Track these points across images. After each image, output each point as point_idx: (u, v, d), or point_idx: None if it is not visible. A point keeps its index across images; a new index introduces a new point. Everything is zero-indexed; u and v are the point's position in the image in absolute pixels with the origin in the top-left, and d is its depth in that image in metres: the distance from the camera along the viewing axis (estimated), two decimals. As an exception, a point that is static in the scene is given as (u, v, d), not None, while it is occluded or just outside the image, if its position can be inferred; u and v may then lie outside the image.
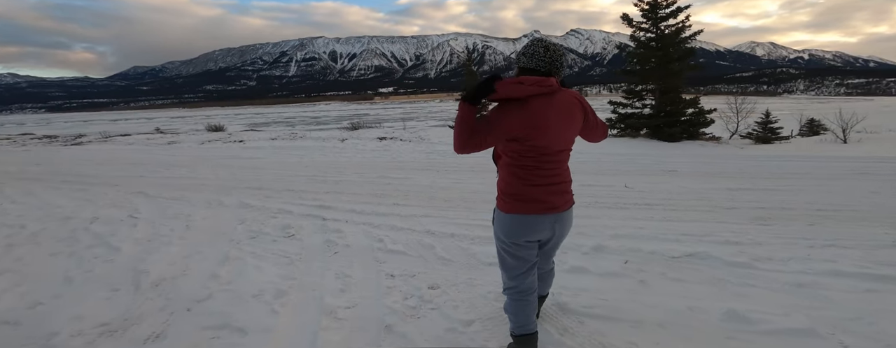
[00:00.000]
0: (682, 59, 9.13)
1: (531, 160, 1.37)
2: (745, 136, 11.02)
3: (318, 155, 7.83)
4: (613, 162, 6.13)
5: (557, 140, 1.37)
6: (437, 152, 7.60)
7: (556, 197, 1.43)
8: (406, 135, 10.14)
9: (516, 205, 1.41)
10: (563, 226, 1.50)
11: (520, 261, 1.49)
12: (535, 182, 1.39)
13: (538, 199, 1.40)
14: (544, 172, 1.40)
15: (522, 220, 1.41)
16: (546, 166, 1.40)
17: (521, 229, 1.43)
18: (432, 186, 4.80)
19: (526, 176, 1.39)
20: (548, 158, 1.39)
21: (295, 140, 10.38)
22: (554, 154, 1.40)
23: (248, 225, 3.70)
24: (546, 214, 1.42)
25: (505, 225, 1.45)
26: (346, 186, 4.98)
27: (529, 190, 1.39)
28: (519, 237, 1.44)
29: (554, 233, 1.49)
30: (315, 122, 61.94)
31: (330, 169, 6.20)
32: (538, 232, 1.44)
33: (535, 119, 1.30)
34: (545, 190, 1.41)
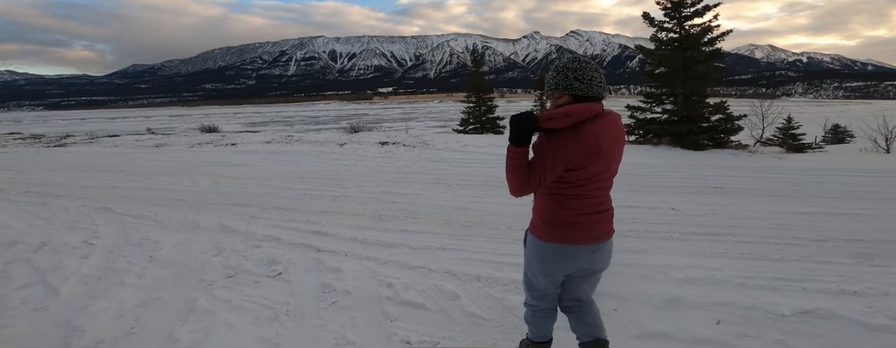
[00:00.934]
0: (709, 60, 8.49)
1: (579, 188, 1.30)
2: (767, 143, 10.40)
3: (315, 162, 7.15)
4: (644, 175, 5.47)
5: (610, 164, 1.32)
6: (445, 161, 6.92)
7: (600, 225, 1.37)
8: (409, 139, 9.46)
9: (558, 234, 1.35)
10: (601, 256, 1.42)
11: (547, 287, 1.48)
12: (581, 211, 1.33)
13: (583, 229, 1.34)
14: (591, 200, 1.34)
15: (563, 251, 1.36)
16: (593, 194, 1.34)
17: (560, 259, 1.37)
18: (445, 206, 4.13)
19: (572, 205, 1.32)
20: (596, 185, 1.33)
21: (290, 143, 9.68)
22: (603, 180, 1.34)
23: (225, 257, 3.02)
24: (588, 244, 1.36)
25: (542, 253, 1.39)
26: (346, 204, 4.31)
27: (575, 218, 1.33)
28: (555, 267, 1.40)
29: (592, 263, 1.41)
30: (314, 122, 61.48)
31: (327, 180, 5.52)
32: (576, 262, 1.39)
33: (590, 146, 1.23)
34: (591, 218, 1.35)
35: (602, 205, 1.37)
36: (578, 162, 1.23)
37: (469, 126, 14.75)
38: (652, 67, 9.25)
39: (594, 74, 1.26)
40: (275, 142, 10.25)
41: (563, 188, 1.30)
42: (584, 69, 1.25)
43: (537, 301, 1.52)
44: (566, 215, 1.32)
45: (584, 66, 1.26)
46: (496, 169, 6.04)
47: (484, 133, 14.49)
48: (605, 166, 1.29)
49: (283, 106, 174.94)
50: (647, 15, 9.00)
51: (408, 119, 60.05)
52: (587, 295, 1.54)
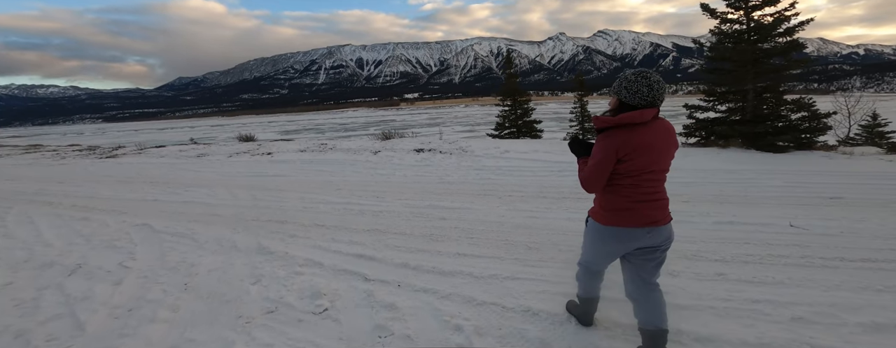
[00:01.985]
0: (786, 52, 7.49)
1: (633, 179, 1.50)
2: (850, 143, 9.13)
3: (351, 172, 6.85)
4: (728, 183, 4.71)
5: (658, 161, 1.50)
6: (488, 169, 6.42)
7: (653, 211, 1.55)
8: (445, 146, 9.02)
9: (614, 218, 1.55)
10: (658, 235, 1.56)
11: (607, 260, 1.71)
12: (634, 198, 1.52)
13: (637, 214, 1.53)
14: (643, 190, 1.52)
15: (619, 233, 1.56)
16: (645, 184, 1.52)
17: (617, 240, 1.57)
18: (502, 223, 3.63)
19: (627, 193, 1.52)
20: (647, 177, 1.51)
21: (324, 152, 9.51)
22: (654, 173, 1.52)
23: (264, 286, 2.66)
24: (643, 228, 1.53)
25: (601, 235, 1.62)
26: (390, 221, 3.90)
27: (629, 205, 1.52)
28: (613, 247, 1.61)
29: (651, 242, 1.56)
30: (343, 129, 62.80)
31: (365, 193, 5.16)
32: (632, 243, 1.57)
33: (635, 140, 1.45)
34: (644, 205, 1.53)
35: (654, 195, 1.55)
36: (625, 153, 1.45)
37: (504, 130, 14.16)
38: (714, 63, 8.33)
39: (642, 88, 1.44)
40: (309, 150, 10.13)
41: (618, 179, 1.52)
42: (634, 82, 1.45)
43: (593, 265, 1.76)
44: (621, 202, 1.53)
45: (637, 80, 1.45)
46: (549, 177, 5.47)
47: (520, 137, 13.86)
48: (653, 161, 1.48)
49: (314, 113, 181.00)
50: (706, 6, 8.12)
51: (435, 124, 60.07)
52: (651, 277, 1.66)
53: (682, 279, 2.38)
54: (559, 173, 5.66)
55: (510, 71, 14.30)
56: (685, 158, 6.59)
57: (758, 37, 7.64)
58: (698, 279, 2.37)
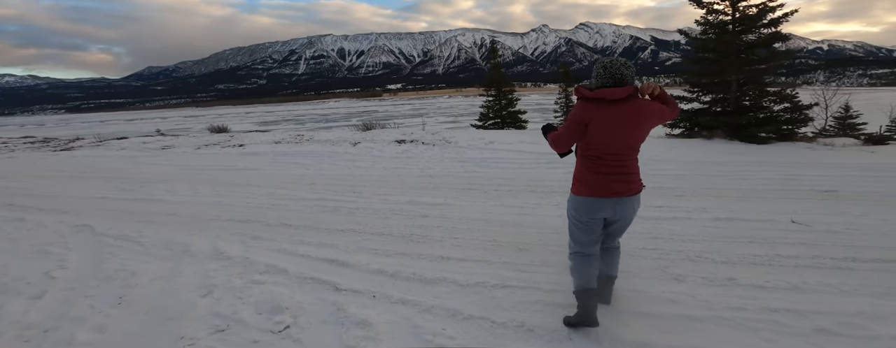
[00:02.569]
0: (769, 44, 7.43)
1: (596, 151, 1.65)
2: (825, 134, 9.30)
3: (328, 165, 6.42)
4: (719, 175, 4.56)
5: (623, 138, 1.63)
6: (473, 161, 6.11)
7: (617, 184, 1.67)
8: (428, 137, 8.66)
9: (584, 189, 1.71)
10: (623, 208, 1.72)
11: (586, 235, 1.79)
12: (599, 171, 1.67)
13: (603, 185, 1.66)
14: (606, 163, 1.65)
15: (588, 202, 1.71)
16: (609, 159, 1.65)
17: (589, 209, 1.72)
18: (489, 220, 3.34)
19: (592, 166, 1.68)
20: (611, 151, 1.64)
21: (300, 143, 9.00)
22: (618, 150, 1.64)
23: (216, 298, 2.29)
24: (608, 198, 1.67)
25: (575, 205, 1.76)
26: (367, 219, 3.55)
27: (595, 177, 1.67)
28: (585, 215, 1.74)
29: (615, 214, 1.72)
30: (324, 120, 61.32)
31: (342, 187, 4.78)
32: (601, 211, 1.71)
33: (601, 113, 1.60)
34: (609, 178, 1.66)
35: (618, 169, 1.66)
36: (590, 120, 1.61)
37: (488, 121, 13.89)
38: (698, 54, 8.23)
39: (599, 70, 1.68)
40: (284, 142, 9.58)
41: (586, 152, 1.69)
42: (595, 68, 1.71)
43: (580, 247, 1.82)
44: (587, 173, 1.70)
45: (597, 65, 1.71)
46: (537, 170, 5.21)
47: (504, 128, 13.62)
48: (614, 135, 1.62)
49: (294, 104, 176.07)
50: (693, -6, 7.97)
51: (418, 115, 59.44)
52: (613, 241, 1.90)
53: (690, 284, 2.15)
54: (547, 165, 5.42)
55: (495, 60, 13.97)
56: (672, 150, 6.47)
57: (742, 28, 7.56)
58: (707, 284, 2.15)
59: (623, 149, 1.64)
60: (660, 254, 2.55)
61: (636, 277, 2.25)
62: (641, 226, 3.04)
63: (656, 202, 3.60)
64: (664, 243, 2.71)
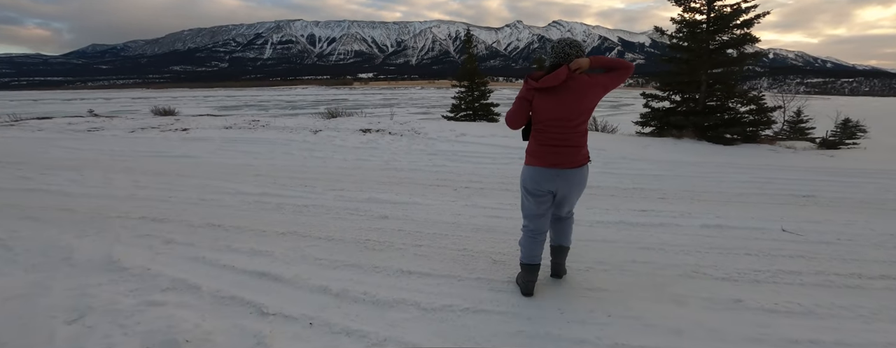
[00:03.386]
0: (739, 44, 7.46)
1: (542, 126, 1.76)
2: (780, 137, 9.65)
3: (281, 154, 5.73)
4: (695, 177, 4.38)
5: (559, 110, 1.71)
6: (443, 154, 5.65)
7: (558, 157, 1.77)
8: (396, 127, 8.10)
9: (532, 160, 1.83)
10: (566, 181, 1.80)
11: (536, 207, 1.87)
12: (544, 143, 1.78)
13: (546, 157, 1.78)
14: (550, 136, 1.76)
15: (533, 171, 1.82)
16: (552, 132, 1.75)
17: (536, 179, 1.81)
18: (459, 224, 2.90)
19: (539, 139, 1.79)
20: (555, 125, 1.74)
21: (254, 130, 8.14)
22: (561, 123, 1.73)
23: (88, 327, 1.72)
24: (550, 168, 1.78)
25: (524, 174, 1.88)
26: (315, 220, 3.00)
27: (541, 149, 1.79)
28: (531, 185, 1.84)
29: (558, 186, 1.80)
30: (290, 107, 58.58)
31: (292, 180, 4.16)
32: (546, 182, 1.80)
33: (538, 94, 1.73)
34: (551, 150, 1.77)
35: (559, 142, 1.76)
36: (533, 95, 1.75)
37: (460, 113, 13.44)
38: (671, 53, 8.18)
39: (549, 50, 1.84)
40: (236, 127, 8.66)
41: (535, 125, 1.79)
42: (549, 45, 1.87)
43: (530, 222, 1.93)
44: (533, 145, 1.82)
45: (550, 44, 1.86)
46: (511, 166, 4.83)
47: (476, 120, 13.24)
48: (557, 112, 1.72)
49: (258, 90, 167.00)
50: (671, -9, 7.87)
51: (389, 105, 58.15)
52: (566, 212, 1.99)
53: (693, 308, 1.82)
54: (521, 160, 5.04)
55: (469, 51, 13.49)
56: (647, 148, 6.33)
57: (716, 27, 7.55)
58: (712, 308, 1.82)
59: (565, 122, 1.72)
60: (653, 269, 2.22)
61: (631, 298, 1.89)
62: (629, 234, 2.72)
63: (640, 205, 3.32)
64: (656, 255, 2.39)
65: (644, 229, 2.80)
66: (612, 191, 3.75)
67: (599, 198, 3.51)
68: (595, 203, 3.36)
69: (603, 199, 3.47)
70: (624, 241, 2.60)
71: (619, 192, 3.69)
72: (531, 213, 1.89)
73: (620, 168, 4.71)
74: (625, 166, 4.86)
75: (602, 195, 3.59)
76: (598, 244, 2.55)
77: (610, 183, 4.00)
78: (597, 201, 3.40)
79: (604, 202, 3.39)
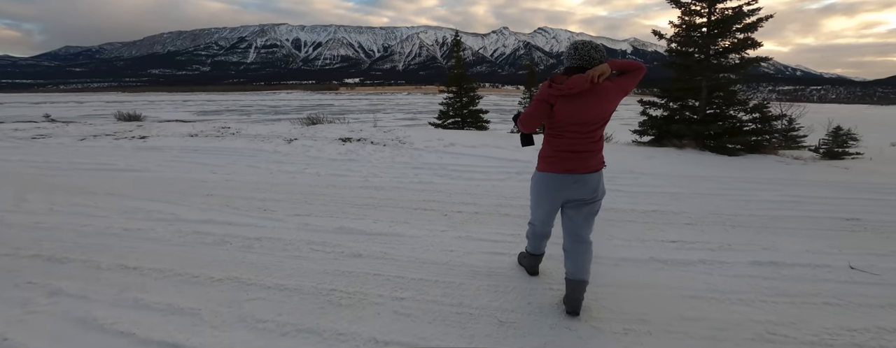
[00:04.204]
0: (741, 49, 7.14)
1: (559, 130, 1.68)
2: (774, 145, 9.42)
3: (244, 167, 5.01)
4: (722, 196, 3.87)
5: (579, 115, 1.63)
6: (430, 167, 5.05)
7: (575, 162, 1.70)
8: (379, 135, 7.48)
9: (544, 165, 1.76)
10: (584, 187, 1.72)
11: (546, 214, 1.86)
12: (560, 148, 1.70)
13: (561, 162, 1.71)
14: (567, 141, 1.68)
15: (548, 179, 1.75)
16: (569, 136, 1.67)
17: (549, 186, 1.76)
18: (451, 264, 2.28)
19: (555, 144, 1.72)
20: (572, 130, 1.66)
21: (222, 138, 7.37)
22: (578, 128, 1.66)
23: None
24: (567, 174, 1.71)
25: (537, 180, 1.81)
26: (267, 259, 2.34)
27: (556, 154, 1.72)
28: (547, 192, 1.78)
29: (576, 192, 1.73)
30: (273, 112, 57.26)
31: (249, 202, 3.48)
32: (561, 189, 1.74)
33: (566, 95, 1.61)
34: (567, 155, 1.70)
35: (576, 147, 1.69)
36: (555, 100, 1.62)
37: (448, 119, 12.88)
38: (672, 57, 7.82)
39: (571, 51, 1.69)
40: (202, 134, 7.87)
41: (551, 130, 1.71)
42: (570, 47, 1.71)
43: (537, 223, 1.94)
44: (548, 150, 1.75)
45: (568, 48, 1.72)
46: (508, 183, 4.26)
47: (465, 128, 12.70)
48: (578, 116, 1.63)
49: (241, 94, 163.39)
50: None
51: (375, 110, 57.56)
52: (585, 233, 1.80)
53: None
54: (518, 176, 4.49)
55: (457, 53, 12.99)
56: (651, 160, 5.87)
57: (718, 30, 7.22)
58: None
59: (584, 127, 1.66)
60: (712, 330, 1.66)
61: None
62: (666, 275, 2.16)
63: (667, 234, 2.77)
64: (710, 308, 1.83)
65: (682, 269, 2.24)
66: (628, 214, 3.20)
67: (617, 224, 2.96)
68: (614, 231, 2.80)
69: (622, 226, 2.92)
70: (663, 286, 2.03)
71: (638, 216, 3.15)
72: (541, 218, 1.89)
73: (630, 185, 4.19)
74: (634, 182, 4.35)
75: (619, 220, 3.04)
76: (632, 291, 1.98)
77: (624, 204, 3.46)
78: (616, 229, 2.84)
79: (624, 230, 2.83)
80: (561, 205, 1.79)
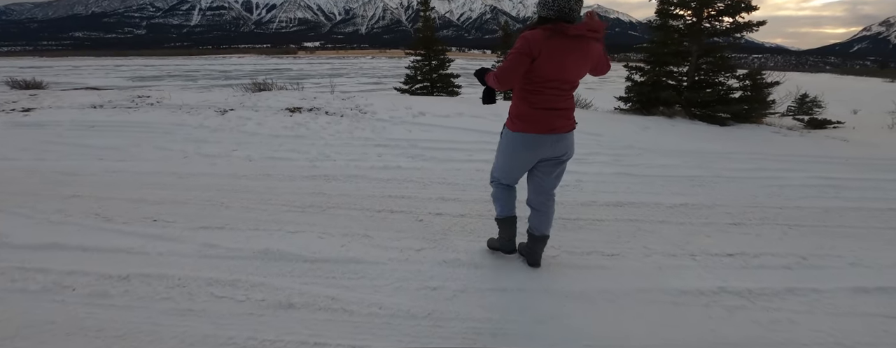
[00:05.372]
0: (736, 12, 6.50)
1: (537, 86, 1.55)
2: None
3: (150, 149, 3.81)
4: (750, 179, 3.25)
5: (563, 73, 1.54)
6: (397, 144, 4.10)
7: (556, 120, 1.60)
8: (336, 103, 6.32)
9: (522, 125, 1.62)
10: (563, 146, 1.65)
11: (518, 172, 1.76)
12: (538, 106, 1.58)
13: (542, 121, 1.59)
14: (546, 98, 1.57)
15: (528, 139, 1.62)
16: (549, 93, 1.57)
17: (527, 146, 1.64)
18: (438, 314, 1.46)
19: (532, 100, 1.58)
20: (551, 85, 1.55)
21: (136, 109, 5.90)
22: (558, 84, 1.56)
23: None
24: (548, 134, 1.61)
25: (513, 142, 1.66)
26: (122, 323, 1.38)
27: (534, 113, 1.59)
28: (524, 153, 1.67)
29: (554, 151, 1.65)
30: (223, 77, 52.25)
31: (132, 208, 2.41)
32: (540, 148, 1.64)
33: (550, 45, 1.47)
34: (547, 113, 1.59)
35: (557, 104, 1.59)
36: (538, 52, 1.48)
37: (416, 84, 11.69)
38: (661, 19, 7.08)
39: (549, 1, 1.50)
40: (111, 104, 6.32)
41: (527, 86, 1.57)
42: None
43: (505, 178, 1.81)
44: (525, 108, 1.60)
45: None
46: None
47: (434, 93, 11.61)
48: (562, 73, 1.53)
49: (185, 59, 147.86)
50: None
51: (338, 75, 54.17)
52: (552, 189, 1.78)
53: None
54: (507, 156, 3.66)
55: (426, 14, 11.55)
56: (647, 132, 5.24)
57: (714, -10, 6.49)
58: None
59: (565, 84, 1.59)
60: None
61: None
62: (758, 320, 1.45)
63: (719, 243, 2.07)
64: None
65: (771, 304, 1.55)
66: (656, 211, 2.49)
67: (647, 227, 2.24)
68: (648, 240, 2.08)
69: (654, 230, 2.20)
70: (758, 343, 1.34)
71: (668, 213, 2.45)
72: (511, 176, 1.78)
73: (638, 165, 3.50)
74: (641, 161, 3.66)
75: (648, 221, 2.32)
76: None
77: (644, 194, 2.76)
78: (649, 236, 2.12)
79: (659, 237, 2.12)
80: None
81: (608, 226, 2.22)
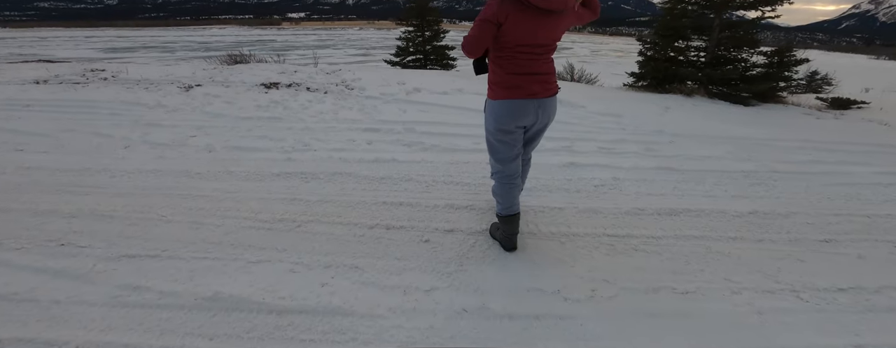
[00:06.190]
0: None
1: (510, 51, 1.50)
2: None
3: (87, 135, 3.13)
4: (814, 177, 2.77)
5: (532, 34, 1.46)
6: (389, 129, 3.48)
7: (535, 85, 1.55)
8: (319, 77, 5.59)
9: (502, 91, 1.56)
10: (545, 112, 1.61)
11: (507, 147, 1.65)
12: (515, 71, 1.53)
13: (522, 86, 1.54)
14: (521, 63, 1.52)
15: (508, 105, 1.56)
16: (523, 58, 1.51)
17: (509, 113, 1.57)
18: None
19: (509, 67, 1.53)
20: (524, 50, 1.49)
21: (85, 86, 5.07)
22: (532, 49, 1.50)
23: None
24: (528, 99, 1.55)
25: (496, 112, 1.60)
26: None
27: (513, 79, 1.54)
28: (508, 122, 1.59)
29: (537, 118, 1.61)
30: (203, 48, 49.41)
31: (35, 222, 1.80)
32: (523, 116, 1.58)
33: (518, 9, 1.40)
34: (526, 78, 1.54)
35: (533, 68, 1.54)
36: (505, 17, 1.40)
37: (408, 56, 10.82)
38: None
39: None
40: (58, 79, 5.48)
41: (500, 53, 1.52)
42: None
43: (502, 165, 1.69)
44: (505, 76, 1.54)
45: None
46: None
47: (427, 67, 10.78)
48: (532, 37, 1.46)
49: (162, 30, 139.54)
50: None
51: (324, 47, 51.76)
52: (528, 154, 1.84)
53: None
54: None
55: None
56: (669, 113, 4.69)
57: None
58: None
59: (538, 48, 1.52)
60: None
61: None
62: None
63: (819, 273, 1.58)
64: None
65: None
66: (722, 221, 1.97)
67: (719, 247, 1.73)
68: (728, 266, 1.57)
69: (730, 252, 1.69)
70: None
71: (738, 226, 1.94)
72: (505, 156, 1.67)
73: (677, 157, 2.97)
74: (677, 152, 3.13)
75: (718, 238, 1.81)
76: None
77: (700, 198, 2.24)
78: (726, 261, 1.61)
79: (740, 264, 1.61)
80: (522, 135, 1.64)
81: (670, 247, 1.71)
